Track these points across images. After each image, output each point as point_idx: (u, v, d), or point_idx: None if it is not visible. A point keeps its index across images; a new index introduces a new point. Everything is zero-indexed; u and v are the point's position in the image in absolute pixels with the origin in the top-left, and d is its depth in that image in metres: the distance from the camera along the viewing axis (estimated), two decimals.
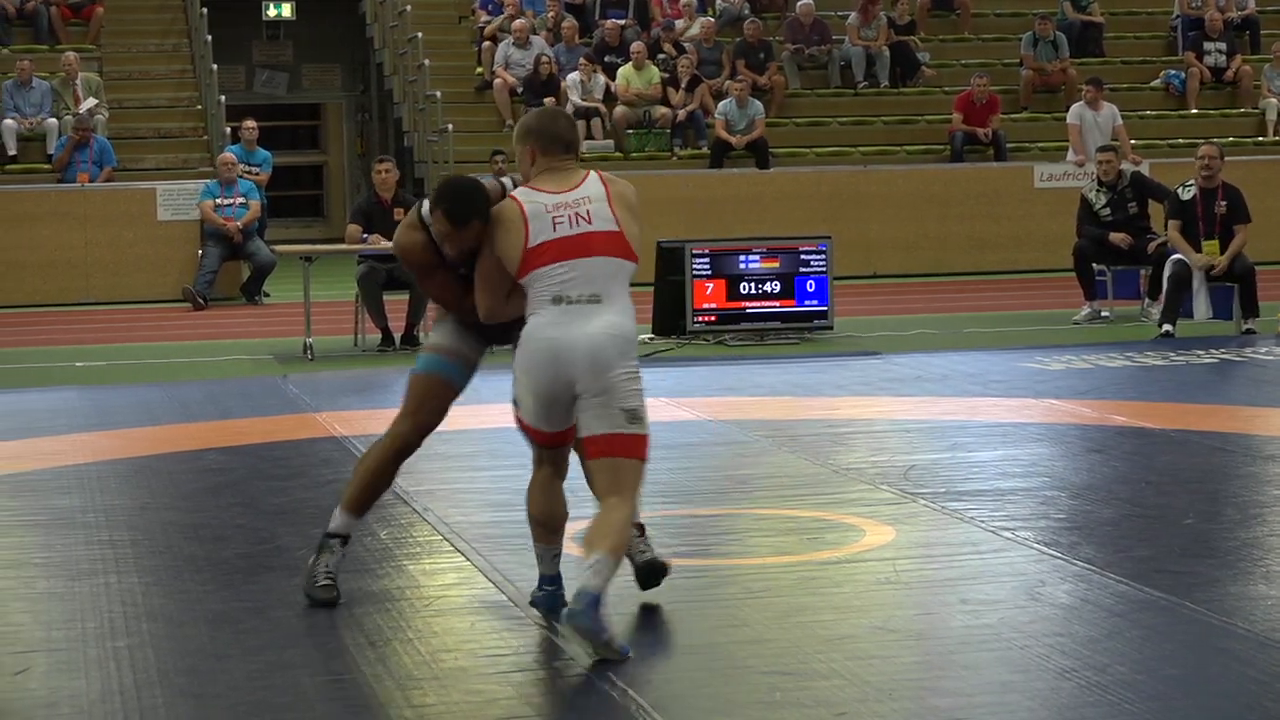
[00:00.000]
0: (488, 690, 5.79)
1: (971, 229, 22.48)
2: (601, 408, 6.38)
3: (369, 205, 16.16)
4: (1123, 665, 5.89)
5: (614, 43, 24.26)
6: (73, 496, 9.23)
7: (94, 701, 5.73)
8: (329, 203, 32.40)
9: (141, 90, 24.50)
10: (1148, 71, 25.84)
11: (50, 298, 20.56)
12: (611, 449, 6.38)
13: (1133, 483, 9.29)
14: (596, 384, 6.38)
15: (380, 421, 7.00)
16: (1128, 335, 15.80)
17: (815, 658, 6.16)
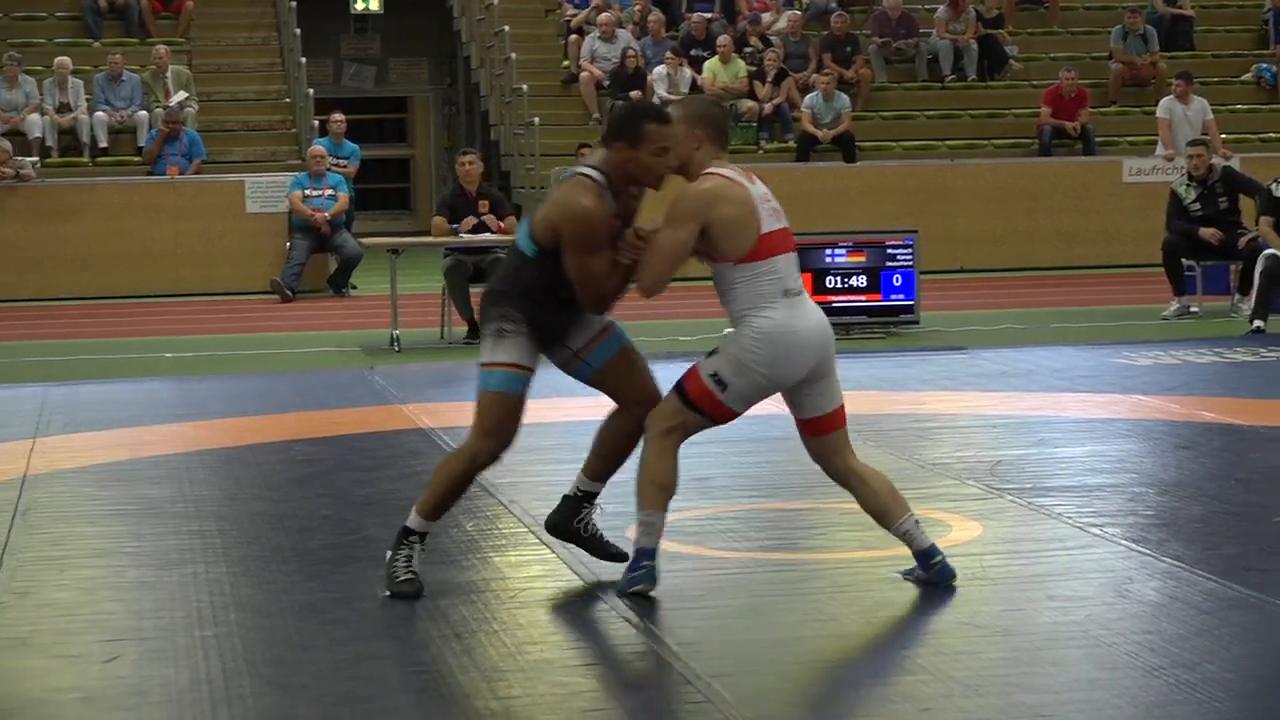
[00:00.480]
0: (572, 683, 5.80)
1: (1059, 223, 22.35)
2: (828, 387, 6.91)
3: (454, 198, 16.22)
4: (1211, 663, 5.84)
5: (700, 36, 24.25)
6: (162, 487, 9.30)
7: (183, 690, 5.78)
8: (416, 196, 32.52)
9: (230, 83, 24.66)
10: (1238, 65, 25.61)
11: (140, 289, 20.72)
12: (843, 419, 6.99)
13: (1221, 479, 9.22)
14: (825, 367, 6.87)
15: (466, 414, 7.00)
16: (1216, 331, 15.68)
17: (901, 653, 6.15)
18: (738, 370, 6.76)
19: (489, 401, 6.96)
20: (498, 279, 6.96)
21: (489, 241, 15.73)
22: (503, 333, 6.86)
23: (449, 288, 15.79)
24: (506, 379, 6.94)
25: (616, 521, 7.54)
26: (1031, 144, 23.53)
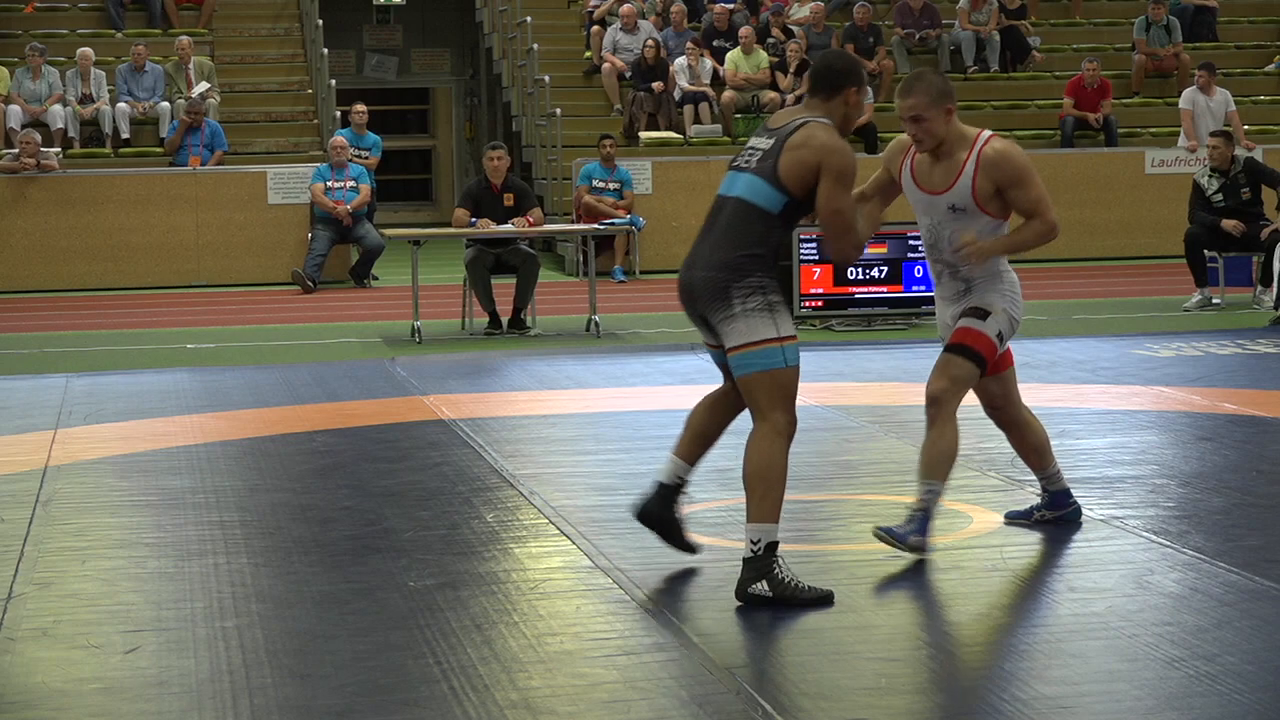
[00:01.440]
0: (593, 674, 5.80)
1: (1082, 214, 22.30)
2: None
3: (478, 190, 16.22)
4: (1232, 655, 5.83)
5: (722, 27, 24.23)
6: (183, 477, 9.32)
7: (203, 680, 5.79)
8: (438, 187, 32.55)
9: (252, 74, 24.70)
10: (1262, 56, 25.56)
11: (162, 280, 20.77)
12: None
13: (1243, 471, 9.20)
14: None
15: (487, 405, 7.00)
16: (1239, 322, 15.65)
17: (920, 644, 6.14)
18: (1010, 324, 7.46)
19: (791, 377, 6.66)
20: (736, 242, 6.62)
21: (510, 233, 15.74)
22: (774, 305, 6.63)
23: (470, 279, 15.80)
24: (797, 352, 6.71)
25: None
26: (1054, 135, 23.49)
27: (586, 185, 20.98)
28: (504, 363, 14.09)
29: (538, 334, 15.77)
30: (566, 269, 21.85)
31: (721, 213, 6.75)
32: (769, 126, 6.85)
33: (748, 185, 6.71)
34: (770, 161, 6.68)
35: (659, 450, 9.79)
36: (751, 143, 6.89)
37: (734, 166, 6.87)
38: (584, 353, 14.44)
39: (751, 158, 6.77)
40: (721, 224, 6.73)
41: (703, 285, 6.67)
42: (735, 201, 6.72)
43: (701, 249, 6.75)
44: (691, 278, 6.73)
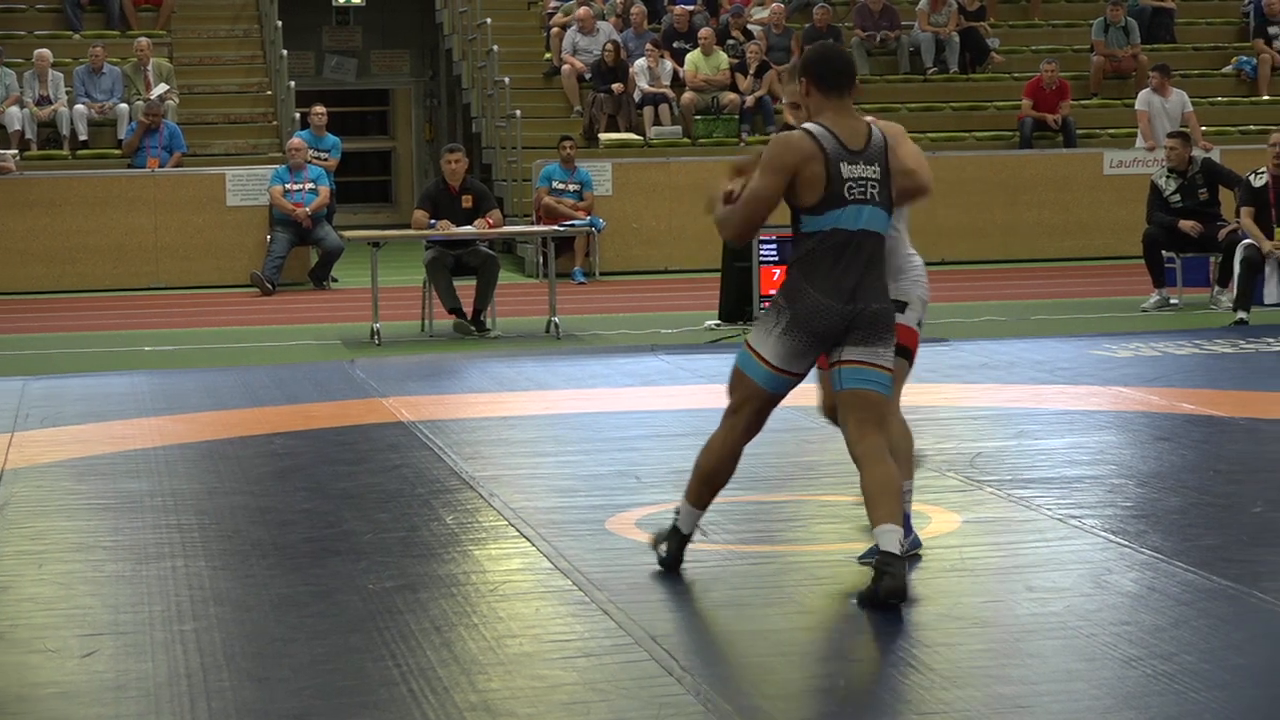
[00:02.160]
0: (552, 675, 5.80)
1: (1040, 216, 22.38)
2: None
3: (437, 192, 16.20)
4: (1189, 654, 5.85)
5: (682, 28, 24.24)
6: (141, 480, 9.28)
7: (161, 684, 5.77)
8: (397, 188, 32.48)
9: (211, 76, 24.63)
10: (1219, 57, 25.66)
11: (120, 282, 20.69)
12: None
13: (1200, 471, 9.24)
14: None
15: (446, 407, 7.00)
16: (1196, 323, 15.71)
17: (880, 645, 6.15)
18: (923, 308, 7.44)
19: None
20: (878, 295, 6.77)
21: (469, 234, 15.73)
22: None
23: (432, 280, 15.78)
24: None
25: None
26: (1013, 136, 23.55)
27: (546, 187, 20.97)
28: (463, 364, 14.07)
29: (497, 335, 15.75)
30: (526, 270, 21.84)
31: (864, 252, 6.73)
32: (850, 148, 6.71)
33: (880, 220, 6.79)
34: (886, 190, 6.79)
35: (619, 451, 9.82)
36: (849, 172, 6.69)
37: (855, 200, 6.70)
38: (544, 354, 14.43)
39: (868, 189, 6.73)
40: (872, 262, 6.76)
41: (874, 316, 6.73)
42: (876, 239, 6.77)
43: (863, 287, 6.72)
44: (861, 310, 6.71)
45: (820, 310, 6.65)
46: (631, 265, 21.25)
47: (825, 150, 6.66)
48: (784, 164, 6.68)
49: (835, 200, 6.66)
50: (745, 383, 6.84)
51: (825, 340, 6.71)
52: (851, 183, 6.68)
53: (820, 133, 6.69)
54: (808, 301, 6.67)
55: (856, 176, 6.69)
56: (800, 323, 6.67)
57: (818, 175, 6.64)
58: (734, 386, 6.89)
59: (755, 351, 6.77)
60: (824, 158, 6.65)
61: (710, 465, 6.98)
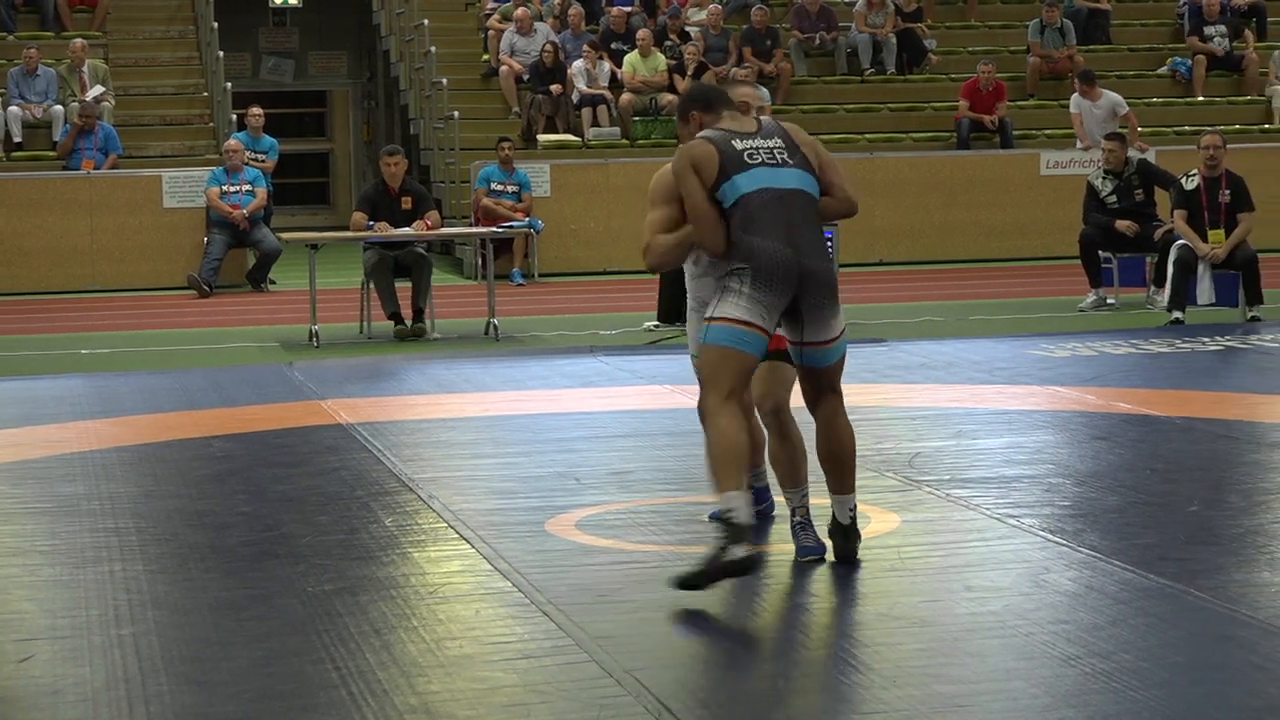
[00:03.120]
0: (492, 677, 5.79)
1: (977, 216, 22.46)
2: None
3: (376, 193, 16.16)
4: (1127, 652, 5.88)
5: (620, 30, 24.24)
6: (77, 484, 9.23)
7: (98, 689, 5.74)
8: (335, 190, 32.37)
9: (147, 77, 24.50)
10: (1154, 59, 25.81)
11: (56, 285, 20.56)
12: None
13: (1137, 470, 9.29)
14: None
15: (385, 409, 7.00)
16: (1133, 322, 15.80)
17: (820, 645, 6.16)
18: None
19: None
20: (819, 234, 6.97)
21: (409, 236, 15.70)
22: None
23: (374, 282, 15.75)
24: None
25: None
26: (950, 137, 23.64)
27: (485, 188, 20.94)
28: (402, 366, 14.04)
29: (436, 337, 15.72)
30: (465, 272, 21.80)
31: (796, 204, 6.92)
32: (742, 130, 7.02)
33: (804, 179, 6.98)
34: (801, 155, 7.00)
35: (558, 453, 9.82)
36: (746, 145, 6.95)
37: (765, 163, 6.94)
38: (483, 356, 14.41)
39: (776, 154, 6.96)
40: (805, 216, 6.94)
41: (823, 276, 6.90)
42: (805, 195, 6.97)
43: (803, 239, 6.89)
44: (810, 267, 6.85)
45: (775, 255, 6.78)
46: (570, 267, 21.24)
47: (712, 139, 6.97)
48: (685, 165, 6.93)
49: (736, 165, 6.89)
50: (736, 357, 6.81)
51: (787, 290, 6.79)
52: (749, 151, 6.94)
53: (707, 133, 7.03)
54: (763, 253, 6.78)
55: (754, 146, 6.96)
56: (763, 273, 6.78)
57: (712, 156, 6.91)
58: (719, 370, 6.84)
59: (731, 319, 6.78)
60: (713, 144, 6.95)
61: (738, 447, 6.83)
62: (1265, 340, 14.17)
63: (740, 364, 6.83)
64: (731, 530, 6.58)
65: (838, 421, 7.08)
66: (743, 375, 6.87)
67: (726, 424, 6.76)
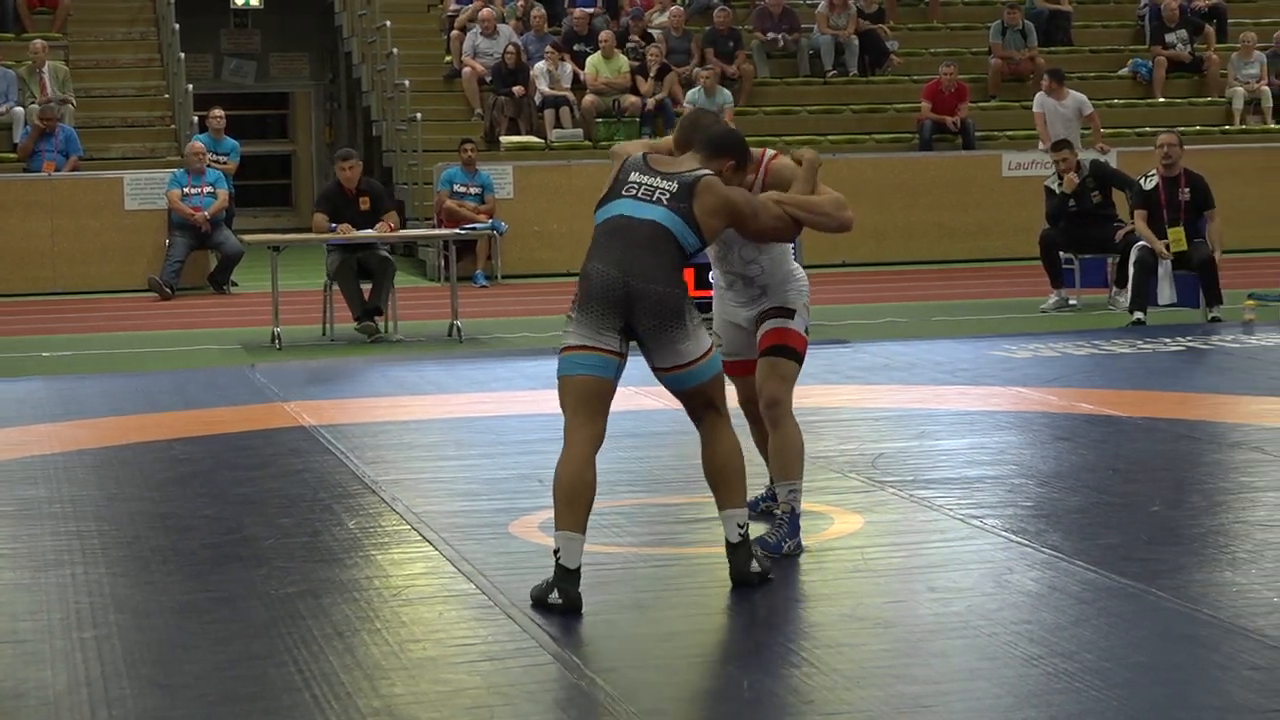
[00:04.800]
0: (456, 680, 5.79)
1: (940, 217, 22.50)
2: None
3: (334, 193, 16.13)
4: (1090, 652, 5.90)
5: (583, 31, 24.23)
6: (39, 487, 9.20)
7: (61, 693, 5.72)
8: (297, 192, 32.33)
9: (108, 79, 24.42)
10: (1115, 60, 25.89)
11: (16, 287, 20.47)
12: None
13: (1099, 470, 9.32)
14: None
15: (348, 411, 6.99)
16: (1094, 323, 15.84)
17: (784, 646, 6.17)
18: (808, 315, 7.63)
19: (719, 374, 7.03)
20: (672, 264, 6.89)
21: (371, 238, 15.67)
22: (701, 322, 6.98)
23: (339, 284, 15.72)
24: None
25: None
26: (912, 138, 23.68)
27: (447, 190, 20.91)
28: (365, 368, 14.02)
29: (399, 339, 15.70)
30: (428, 274, 21.77)
31: (640, 233, 6.84)
32: (656, 168, 6.98)
33: (666, 217, 6.87)
34: (686, 205, 6.87)
35: (521, 455, 9.81)
36: (638, 179, 6.94)
37: (635, 197, 6.92)
38: (446, 358, 14.40)
39: (656, 194, 6.90)
40: (648, 243, 6.83)
41: (656, 299, 6.77)
42: (656, 226, 6.86)
43: (636, 262, 6.80)
44: (639, 289, 6.77)
45: (599, 276, 6.83)
46: (534, 268, 21.22)
47: (629, 159, 7.11)
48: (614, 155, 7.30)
49: (614, 191, 6.99)
50: (572, 384, 6.79)
51: (611, 310, 6.77)
52: (633, 184, 6.95)
53: (637, 154, 7.14)
54: (589, 275, 6.89)
55: (643, 182, 6.95)
56: (589, 295, 6.81)
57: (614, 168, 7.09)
58: (562, 401, 6.84)
59: (566, 348, 6.80)
60: (624, 163, 7.09)
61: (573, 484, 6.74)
62: (1226, 341, 14.23)
63: (578, 389, 6.75)
64: (556, 571, 6.58)
65: (716, 437, 6.90)
66: (586, 399, 6.76)
67: (564, 458, 6.74)
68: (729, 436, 6.90)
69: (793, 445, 7.46)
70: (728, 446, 6.89)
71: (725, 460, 6.89)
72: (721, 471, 6.90)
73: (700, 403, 6.91)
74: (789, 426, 7.46)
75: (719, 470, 6.90)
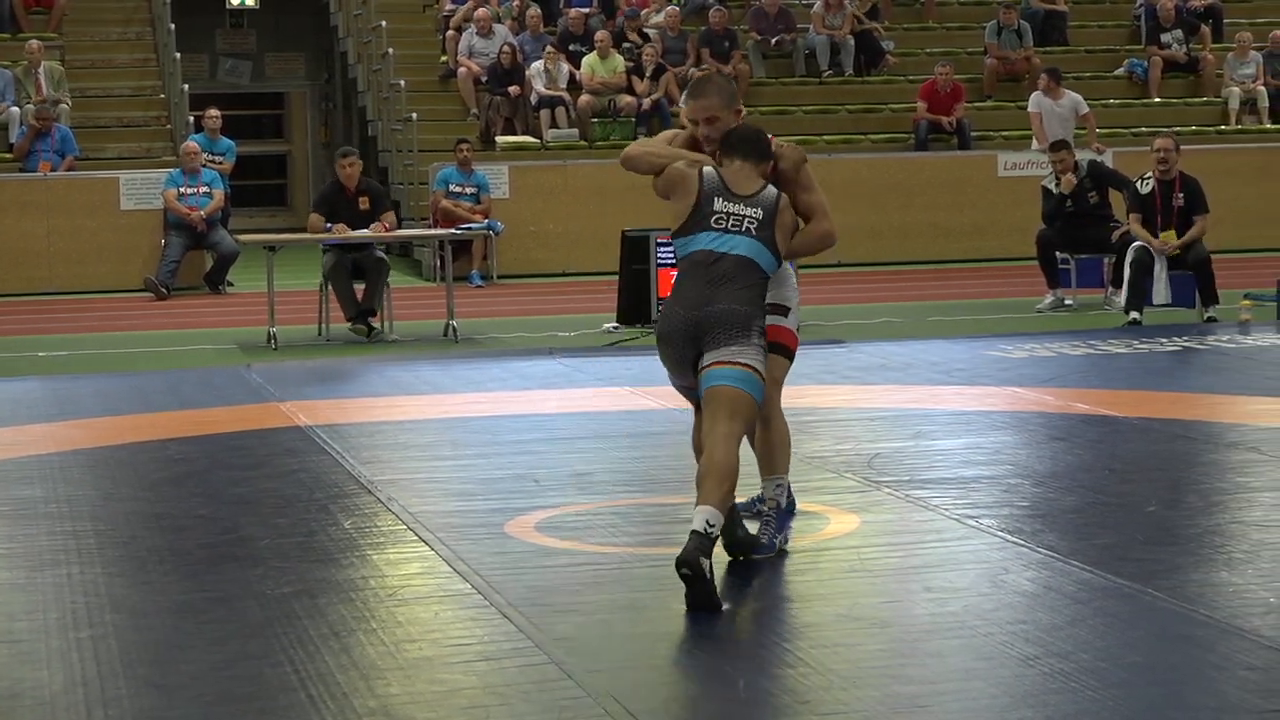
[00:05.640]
0: (451, 680, 5.78)
1: (935, 217, 22.51)
2: None
3: (333, 194, 16.12)
4: (1085, 652, 5.90)
5: (578, 31, 24.24)
6: (35, 487, 9.19)
7: (57, 693, 5.71)
8: (293, 192, 32.33)
9: (104, 79, 24.41)
10: (1111, 60, 25.90)
11: (12, 287, 20.47)
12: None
13: (1095, 470, 9.32)
14: None
15: (344, 411, 6.98)
16: (1090, 323, 15.85)
17: (780, 646, 6.17)
18: (798, 315, 7.65)
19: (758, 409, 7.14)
20: (752, 290, 7.07)
21: (366, 238, 15.67)
22: (767, 349, 7.14)
23: (333, 284, 15.71)
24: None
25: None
26: (908, 139, 23.68)
27: (443, 190, 20.92)
28: (361, 368, 14.02)
29: (395, 339, 15.70)
30: (424, 274, 21.77)
31: (722, 268, 7.07)
32: (735, 191, 7.20)
33: (753, 248, 7.13)
34: (769, 231, 7.15)
35: (517, 455, 9.81)
36: (722, 206, 7.15)
37: (725, 229, 7.14)
38: (441, 358, 14.39)
39: (745, 224, 7.14)
40: (729, 278, 7.06)
41: (721, 315, 6.99)
42: (741, 260, 7.11)
43: (715, 297, 7.02)
44: (707, 313, 7.01)
45: (670, 318, 7.18)
46: (529, 268, 21.22)
47: (705, 178, 7.29)
48: (688, 171, 7.35)
49: (700, 221, 7.21)
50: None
51: (674, 353, 7.15)
52: (722, 215, 7.20)
53: (709, 169, 7.33)
54: (663, 317, 7.31)
55: (733, 212, 7.21)
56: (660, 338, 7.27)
57: (692, 190, 7.27)
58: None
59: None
60: (702, 183, 7.28)
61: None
62: (1222, 340, 14.23)
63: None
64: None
65: (713, 442, 6.97)
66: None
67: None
68: (731, 449, 6.92)
69: (781, 441, 7.52)
70: (726, 456, 6.90)
71: (723, 462, 6.88)
72: (711, 469, 6.88)
73: (718, 405, 6.95)
74: (777, 422, 7.51)
75: (710, 469, 6.89)
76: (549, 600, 6.76)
